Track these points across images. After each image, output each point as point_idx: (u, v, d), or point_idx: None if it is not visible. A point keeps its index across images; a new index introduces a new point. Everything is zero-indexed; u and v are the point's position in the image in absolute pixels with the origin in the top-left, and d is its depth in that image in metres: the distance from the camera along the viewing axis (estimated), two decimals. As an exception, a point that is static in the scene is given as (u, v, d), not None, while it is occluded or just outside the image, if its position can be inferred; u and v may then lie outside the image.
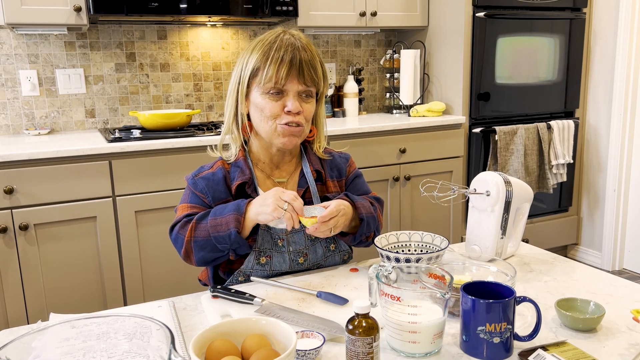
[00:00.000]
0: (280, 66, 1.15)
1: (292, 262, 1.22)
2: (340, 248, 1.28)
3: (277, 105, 1.17)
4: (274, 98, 1.17)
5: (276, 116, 1.18)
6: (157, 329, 0.74)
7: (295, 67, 1.15)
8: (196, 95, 2.83)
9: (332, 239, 1.26)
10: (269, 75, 1.15)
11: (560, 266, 1.23)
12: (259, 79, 1.17)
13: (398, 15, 2.87)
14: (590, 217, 3.24)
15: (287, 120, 1.18)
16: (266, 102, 1.18)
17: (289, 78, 1.16)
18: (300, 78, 1.16)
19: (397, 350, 0.87)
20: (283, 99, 1.18)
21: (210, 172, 1.23)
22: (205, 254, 1.15)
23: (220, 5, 2.39)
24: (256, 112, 1.20)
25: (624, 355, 0.85)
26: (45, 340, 0.73)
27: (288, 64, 1.15)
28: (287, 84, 1.16)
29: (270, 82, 1.15)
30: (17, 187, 1.98)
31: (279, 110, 1.18)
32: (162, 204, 2.19)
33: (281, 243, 1.21)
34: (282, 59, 1.15)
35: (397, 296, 0.85)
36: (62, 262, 2.09)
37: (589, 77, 3.15)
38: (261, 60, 1.16)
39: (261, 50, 1.17)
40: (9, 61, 2.46)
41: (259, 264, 1.20)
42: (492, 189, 1.20)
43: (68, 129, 2.62)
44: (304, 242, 1.22)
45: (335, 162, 1.33)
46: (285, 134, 1.19)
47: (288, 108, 1.17)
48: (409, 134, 2.66)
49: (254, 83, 1.19)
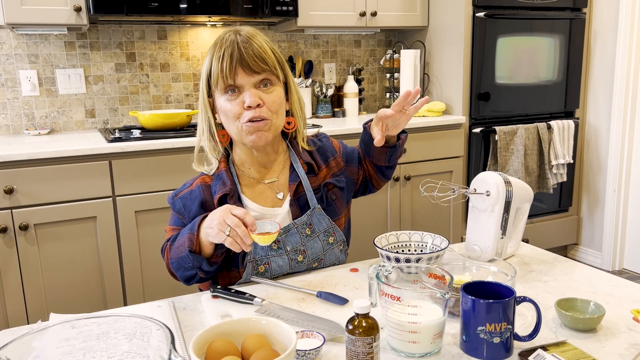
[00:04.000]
0: (223, 62, 1.13)
1: (291, 261, 1.21)
2: (337, 239, 1.26)
3: (236, 104, 1.15)
4: (232, 97, 1.16)
5: (238, 115, 1.16)
6: (157, 329, 0.74)
7: (237, 59, 1.13)
8: (196, 95, 2.83)
9: (331, 230, 1.25)
10: (216, 73, 1.14)
11: (560, 266, 1.23)
12: (213, 82, 1.17)
13: (398, 15, 2.87)
14: (590, 217, 3.24)
15: (249, 116, 1.15)
16: (226, 104, 1.16)
17: (236, 71, 1.13)
18: (247, 69, 1.13)
19: (397, 350, 0.87)
20: (241, 96, 1.16)
21: (189, 190, 1.23)
22: (181, 273, 1.17)
23: (220, 5, 2.39)
24: (223, 117, 1.19)
25: (624, 355, 0.85)
26: (45, 340, 0.73)
27: (229, 58, 1.13)
28: (238, 79, 1.14)
29: (220, 80, 1.14)
30: (17, 187, 1.98)
31: (239, 108, 1.15)
32: (162, 204, 2.19)
33: (276, 246, 1.19)
34: (223, 55, 1.14)
35: (397, 296, 0.85)
36: (62, 262, 2.09)
37: (589, 77, 3.15)
38: (210, 62, 1.17)
39: (210, 54, 1.17)
40: (9, 61, 2.46)
41: (259, 274, 1.19)
42: (492, 189, 1.20)
43: (68, 129, 2.62)
44: (299, 239, 1.21)
45: (321, 148, 1.32)
46: (251, 131, 1.16)
47: (247, 103, 1.14)
48: (409, 134, 2.66)
49: (213, 89, 1.18)
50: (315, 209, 1.23)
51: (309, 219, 1.22)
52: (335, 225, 1.26)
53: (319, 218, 1.24)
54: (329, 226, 1.24)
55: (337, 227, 1.26)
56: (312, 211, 1.23)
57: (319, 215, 1.24)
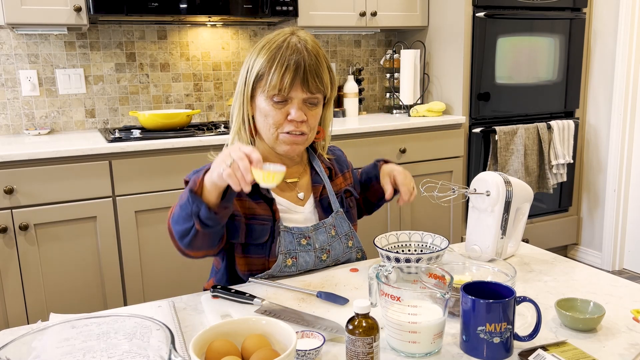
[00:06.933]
0: (285, 74, 1.11)
1: (316, 259, 1.21)
2: (355, 244, 1.29)
3: (280, 113, 1.15)
4: (277, 106, 1.14)
5: (279, 124, 1.16)
6: (157, 329, 0.74)
7: (299, 75, 1.12)
8: (196, 95, 2.83)
9: (350, 234, 1.28)
10: (273, 83, 1.12)
11: (560, 266, 1.23)
12: (264, 84, 1.14)
13: (398, 15, 2.87)
14: (590, 217, 3.24)
15: (289, 128, 1.15)
16: (270, 109, 1.15)
17: (293, 87, 1.13)
18: (305, 86, 1.13)
19: (397, 350, 0.87)
20: (287, 107, 1.15)
21: None
22: (179, 227, 1.06)
23: (220, 5, 2.39)
24: (260, 117, 1.18)
25: (624, 355, 0.85)
26: (45, 340, 0.73)
27: (292, 72, 1.12)
28: (292, 92, 1.13)
29: (275, 89, 1.12)
30: (17, 187, 1.98)
31: (282, 118, 1.15)
32: (162, 204, 2.19)
33: (305, 242, 1.20)
34: (286, 66, 1.11)
35: (397, 296, 0.85)
36: (62, 262, 2.09)
37: (589, 77, 3.15)
38: (266, 65, 1.13)
39: (267, 55, 1.14)
40: (9, 61, 2.46)
41: (287, 266, 1.19)
42: (492, 189, 1.20)
43: (68, 129, 2.62)
44: (326, 238, 1.23)
45: (338, 158, 1.36)
46: (287, 142, 1.17)
47: (291, 117, 1.14)
48: (409, 134, 2.66)
49: (258, 87, 1.16)
50: (338, 211, 1.27)
51: (333, 221, 1.25)
52: (354, 230, 1.30)
53: (341, 221, 1.27)
54: (348, 230, 1.28)
55: (355, 233, 1.30)
56: (336, 214, 1.26)
57: (341, 219, 1.27)
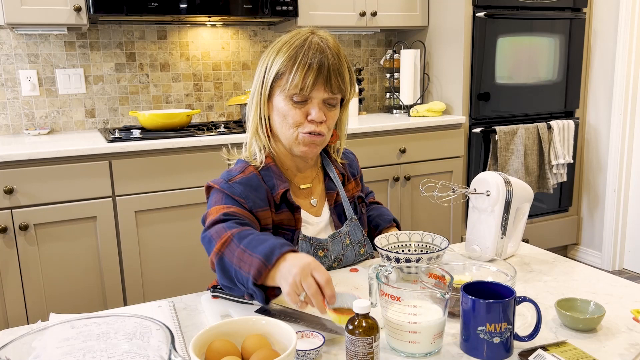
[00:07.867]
0: (308, 73, 1.09)
1: (329, 268, 1.21)
2: (367, 251, 1.28)
3: (300, 112, 1.12)
4: (297, 105, 1.12)
5: (299, 124, 1.13)
6: (157, 329, 0.74)
7: (322, 74, 1.09)
8: (196, 95, 2.83)
9: (363, 241, 1.26)
10: (295, 82, 1.09)
11: (560, 266, 1.23)
12: (284, 83, 1.11)
13: (398, 15, 2.87)
14: (590, 217, 3.24)
15: (309, 129, 1.13)
16: (289, 109, 1.12)
17: (316, 86, 1.10)
18: (327, 86, 1.11)
19: (397, 350, 0.87)
20: (307, 107, 1.12)
21: (244, 176, 1.14)
22: (227, 282, 1.01)
23: (220, 5, 2.39)
24: (278, 117, 1.15)
25: (624, 355, 0.85)
26: (45, 340, 0.73)
27: (315, 71, 1.09)
28: (313, 92, 1.11)
29: (296, 88, 1.10)
30: (17, 187, 1.98)
31: (302, 118, 1.12)
32: (162, 204, 2.19)
33: (322, 254, 1.19)
34: (309, 65, 1.09)
35: (397, 296, 0.85)
36: (62, 262, 2.09)
37: (589, 77, 3.15)
38: (287, 64, 1.10)
39: (287, 54, 1.10)
40: (9, 61, 2.46)
41: None
42: (492, 189, 1.20)
43: (68, 129, 2.62)
44: (341, 248, 1.22)
45: (351, 162, 1.33)
46: (306, 142, 1.14)
47: (312, 117, 1.12)
48: (409, 134, 2.66)
49: (277, 86, 1.13)
50: (352, 218, 1.25)
51: (348, 229, 1.24)
52: (367, 237, 1.28)
53: (355, 229, 1.25)
54: (361, 238, 1.26)
55: (368, 240, 1.28)
56: (350, 221, 1.25)
57: (355, 226, 1.26)
